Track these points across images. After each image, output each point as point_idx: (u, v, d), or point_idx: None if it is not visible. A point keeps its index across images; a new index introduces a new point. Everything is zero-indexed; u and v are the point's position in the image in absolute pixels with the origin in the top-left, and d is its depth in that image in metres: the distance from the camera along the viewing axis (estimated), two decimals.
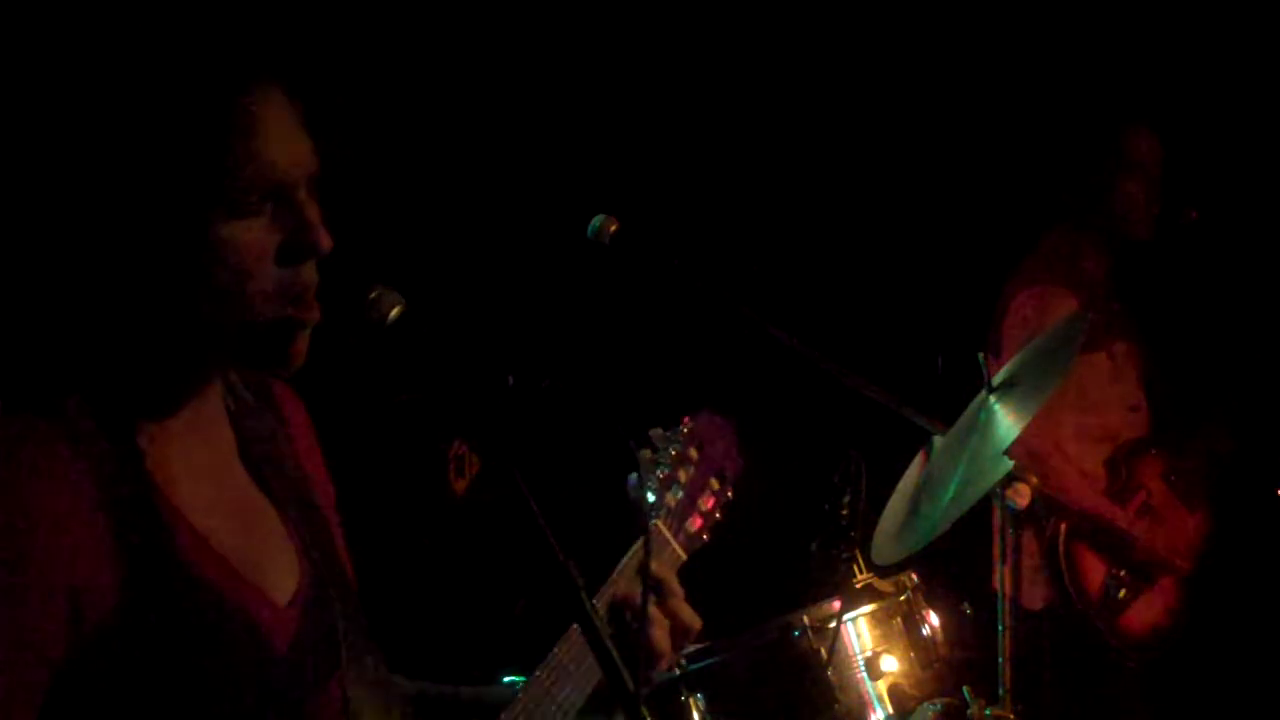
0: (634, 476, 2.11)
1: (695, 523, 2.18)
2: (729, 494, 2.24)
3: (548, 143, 4.24)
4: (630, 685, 1.55)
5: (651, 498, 2.12)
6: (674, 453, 2.18)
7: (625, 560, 2.03)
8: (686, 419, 2.23)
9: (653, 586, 1.98)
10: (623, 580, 2.01)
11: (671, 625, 1.96)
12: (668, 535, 2.12)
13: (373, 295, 1.62)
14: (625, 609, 1.97)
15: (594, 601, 1.92)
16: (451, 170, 4.11)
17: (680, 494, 2.16)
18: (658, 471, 2.15)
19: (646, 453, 2.17)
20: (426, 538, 3.72)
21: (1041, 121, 4.15)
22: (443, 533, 3.77)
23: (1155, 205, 3.98)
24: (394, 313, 1.62)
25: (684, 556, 2.13)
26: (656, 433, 2.20)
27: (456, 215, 4.12)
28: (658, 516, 2.11)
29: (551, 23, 4.23)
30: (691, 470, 2.19)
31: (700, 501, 2.19)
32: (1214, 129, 4.55)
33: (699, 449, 2.21)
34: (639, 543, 2.04)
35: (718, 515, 2.22)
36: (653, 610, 1.94)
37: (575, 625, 1.86)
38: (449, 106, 4.09)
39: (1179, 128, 4.23)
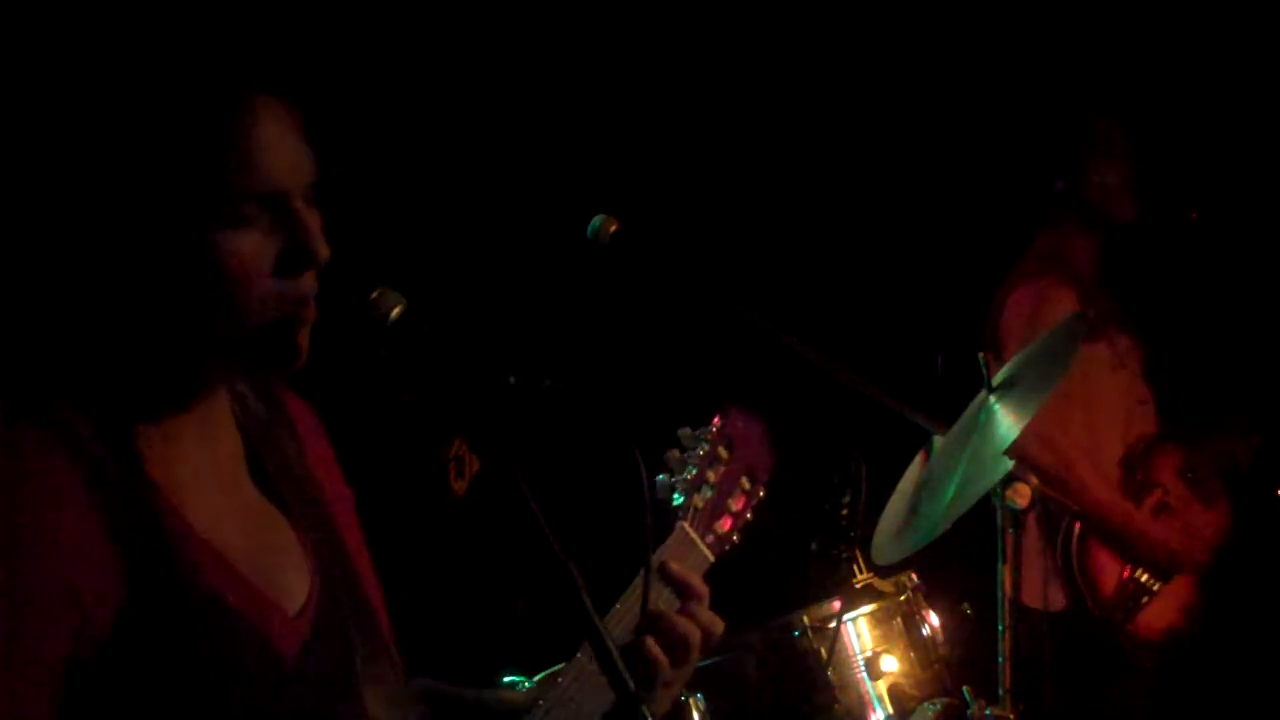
0: (663, 476, 2.10)
1: (725, 524, 2.12)
2: (761, 493, 2.19)
3: (547, 143, 4.24)
4: (630, 686, 1.55)
5: (679, 499, 2.07)
6: (703, 452, 2.12)
7: (653, 561, 1.98)
8: (716, 417, 2.17)
9: (677, 589, 1.96)
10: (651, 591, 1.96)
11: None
12: (695, 537, 2.06)
13: (374, 295, 1.62)
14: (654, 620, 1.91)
15: (619, 605, 1.91)
16: (452, 170, 4.11)
17: (710, 494, 2.11)
18: (686, 472, 2.09)
19: (675, 452, 2.11)
20: (426, 538, 3.71)
21: (1023, 117, 4.17)
22: (442, 533, 3.77)
23: (1132, 182, 3.99)
24: (395, 312, 1.62)
25: (712, 559, 2.08)
26: (685, 431, 2.15)
27: (457, 215, 4.12)
28: (685, 518, 2.06)
29: (551, 23, 4.23)
30: (721, 470, 2.14)
31: (730, 502, 2.14)
32: (1208, 122, 4.56)
33: (729, 448, 2.16)
34: (663, 547, 2.01)
35: (748, 515, 2.17)
36: (674, 617, 1.91)
37: (579, 655, 1.85)
38: (449, 107, 4.09)
39: (1170, 120, 4.25)
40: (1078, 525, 3.83)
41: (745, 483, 2.18)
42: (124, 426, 1.56)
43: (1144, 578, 3.86)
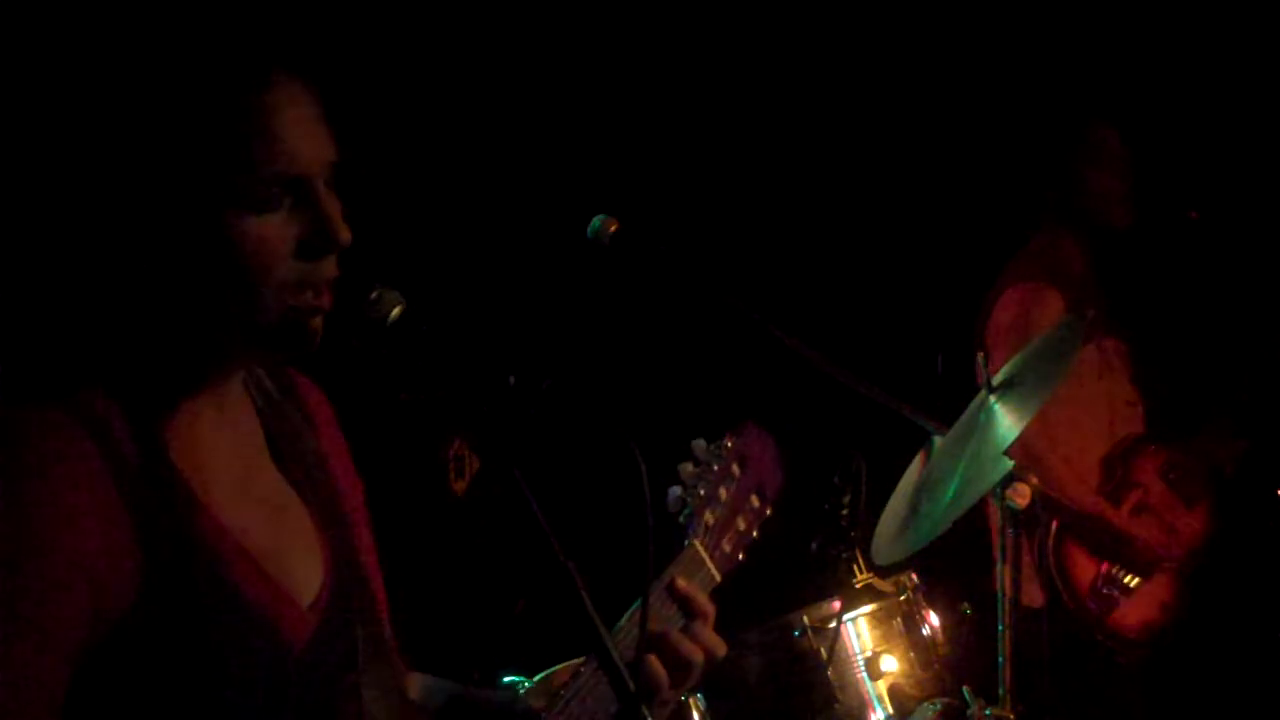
0: (675, 489, 2.08)
1: (732, 542, 2.11)
2: (767, 511, 2.17)
3: (548, 143, 4.24)
4: (630, 685, 1.55)
5: (689, 514, 2.05)
6: (716, 468, 2.11)
7: (663, 577, 1.97)
8: (730, 434, 2.16)
9: (684, 607, 1.94)
10: (657, 601, 1.95)
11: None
12: (704, 555, 2.04)
13: (373, 295, 1.62)
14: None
15: (624, 622, 1.88)
16: (452, 170, 4.11)
17: (720, 512, 2.10)
18: (699, 487, 2.08)
19: (688, 465, 2.10)
20: (426, 538, 3.72)
21: (1021, 123, 4.18)
22: (442, 533, 3.77)
23: (1127, 189, 4.01)
24: (394, 313, 1.62)
25: (719, 578, 2.05)
26: (699, 444, 2.13)
27: (457, 215, 4.12)
28: (696, 535, 2.04)
29: (552, 22, 4.23)
30: (733, 487, 2.12)
31: (739, 520, 2.13)
32: (1203, 129, 4.57)
33: (741, 465, 2.15)
34: (672, 563, 1.99)
35: (754, 534, 2.15)
36: (678, 638, 1.89)
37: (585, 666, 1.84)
38: (449, 106, 4.09)
39: (1166, 128, 4.26)
40: (1055, 522, 3.83)
41: (754, 500, 2.16)
42: (147, 411, 1.56)
43: (1120, 574, 3.87)
